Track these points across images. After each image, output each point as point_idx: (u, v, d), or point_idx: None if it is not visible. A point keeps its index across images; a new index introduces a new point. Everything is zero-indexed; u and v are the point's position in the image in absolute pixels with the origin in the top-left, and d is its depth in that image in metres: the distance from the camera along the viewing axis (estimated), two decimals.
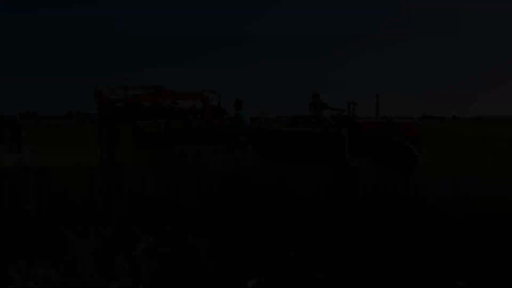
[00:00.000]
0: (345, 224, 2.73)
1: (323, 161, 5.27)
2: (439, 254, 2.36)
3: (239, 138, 7.04)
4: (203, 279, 2.09)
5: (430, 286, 2.12)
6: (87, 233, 2.61)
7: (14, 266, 2.25)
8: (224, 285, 2.03)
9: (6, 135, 13.57)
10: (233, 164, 4.22)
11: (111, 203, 3.07)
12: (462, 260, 2.30)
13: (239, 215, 2.61)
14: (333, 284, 1.98)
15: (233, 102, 8.24)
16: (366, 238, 2.53)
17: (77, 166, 4.35)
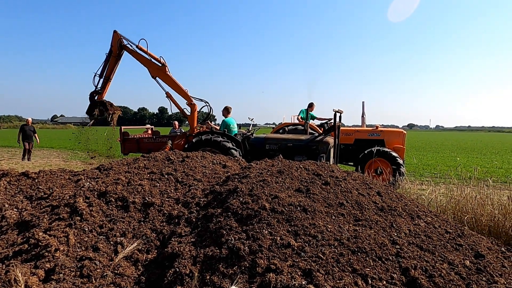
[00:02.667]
0: None
1: None
2: None
3: (224, 144, 7.07)
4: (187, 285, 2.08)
5: None
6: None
7: None
8: None
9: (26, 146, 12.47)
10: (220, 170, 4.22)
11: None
12: None
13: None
14: None
15: (222, 109, 8.32)
16: None
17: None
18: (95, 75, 8.58)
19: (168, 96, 8.52)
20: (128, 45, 8.33)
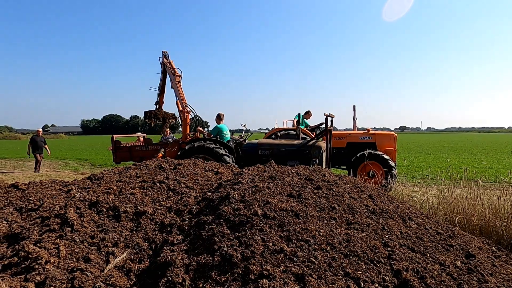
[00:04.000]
0: None
1: None
2: None
3: (217, 151, 7.06)
4: None
5: None
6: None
7: None
8: None
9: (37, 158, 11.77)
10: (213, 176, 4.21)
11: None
12: None
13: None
14: None
15: (215, 116, 8.35)
16: None
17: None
18: (158, 90, 10.07)
19: (177, 103, 9.09)
20: (167, 63, 9.34)
